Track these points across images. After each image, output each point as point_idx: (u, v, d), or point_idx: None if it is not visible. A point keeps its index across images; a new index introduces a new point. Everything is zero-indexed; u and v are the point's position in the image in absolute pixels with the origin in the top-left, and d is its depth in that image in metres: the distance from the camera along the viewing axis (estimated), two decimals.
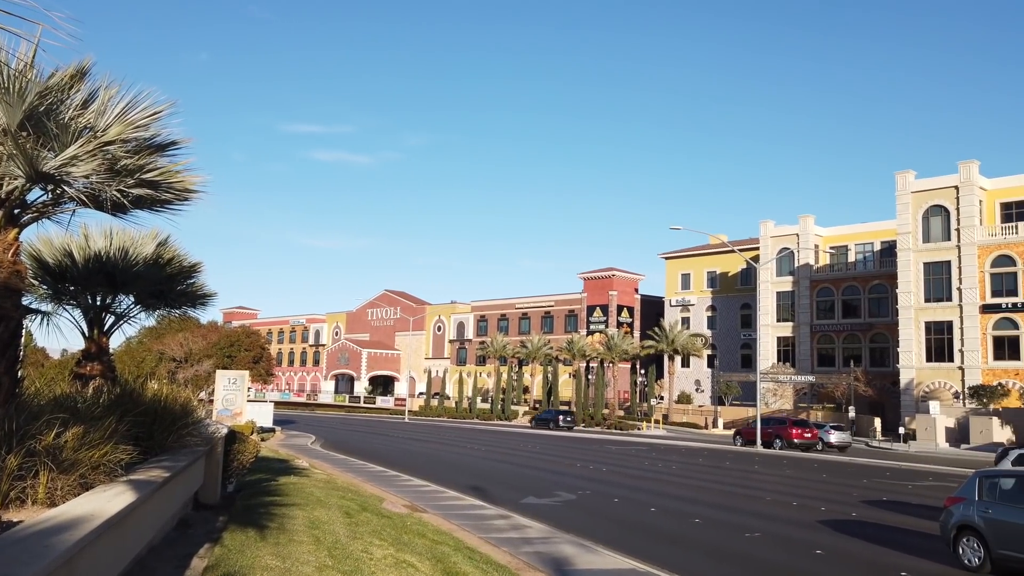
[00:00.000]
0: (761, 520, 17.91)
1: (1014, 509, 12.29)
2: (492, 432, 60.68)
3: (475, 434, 56.47)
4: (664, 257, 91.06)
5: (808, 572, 12.76)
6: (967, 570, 12.71)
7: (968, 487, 13.46)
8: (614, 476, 27.65)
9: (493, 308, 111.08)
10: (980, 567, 12.55)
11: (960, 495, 13.53)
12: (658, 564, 12.65)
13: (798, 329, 72.18)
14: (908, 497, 23.45)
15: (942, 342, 57.56)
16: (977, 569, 12.59)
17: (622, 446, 46.22)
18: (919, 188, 59.68)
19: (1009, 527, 12.17)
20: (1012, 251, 54.97)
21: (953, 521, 13.18)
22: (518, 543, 13.96)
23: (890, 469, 34.70)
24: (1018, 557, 11.98)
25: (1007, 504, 12.52)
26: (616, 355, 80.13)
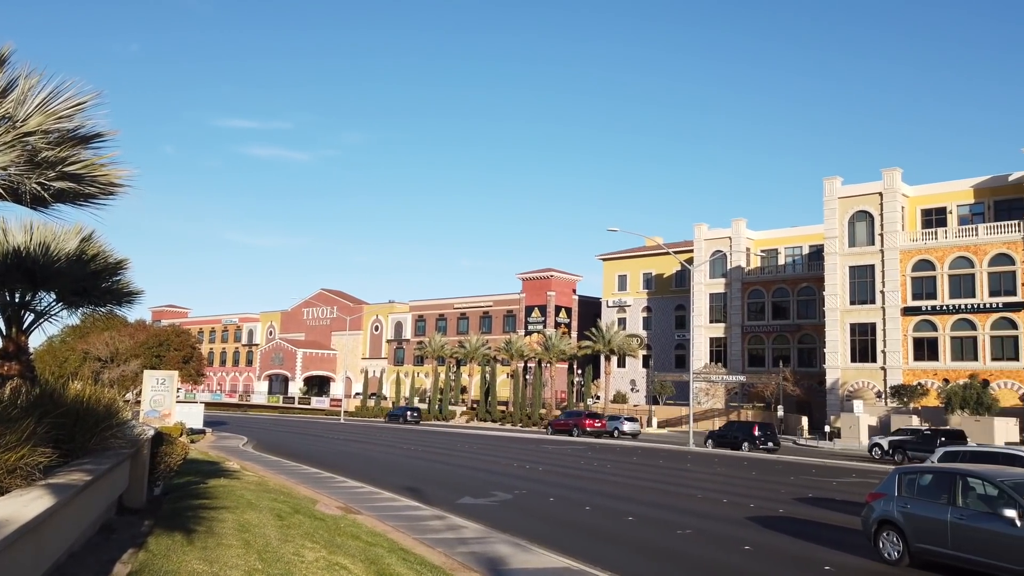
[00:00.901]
0: (692, 517, 18.28)
1: (931, 504, 12.67)
2: (430, 432, 60.40)
3: (412, 435, 56.13)
4: (601, 259, 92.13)
5: (736, 568, 13.06)
6: (887, 563, 13.09)
7: (888, 483, 13.85)
8: (550, 475, 27.84)
9: (432, 308, 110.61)
10: (899, 560, 12.92)
11: (880, 491, 13.90)
12: (592, 562, 12.78)
13: (730, 330, 73.89)
14: (832, 493, 24.23)
15: (866, 343, 59.70)
16: (896, 562, 12.95)
17: (559, 445, 46.56)
18: (845, 194, 61.77)
19: (926, 521, 12.56)
20: (932, 256, 57.35)
21: (874, 516, 13.57)
22: (453, 543, 13.94)
23: (815, 466, 35.80)
24: (934, 550, 12.37)
25: (924, 499, 12.90)
26: (554, 355, 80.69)
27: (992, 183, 58.45)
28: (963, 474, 12.75)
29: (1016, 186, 55.92)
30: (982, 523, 11.72)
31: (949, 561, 12.22)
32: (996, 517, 11.50)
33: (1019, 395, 52.59)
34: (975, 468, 13.56)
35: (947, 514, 12.28)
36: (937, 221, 59.94)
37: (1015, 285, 53.89)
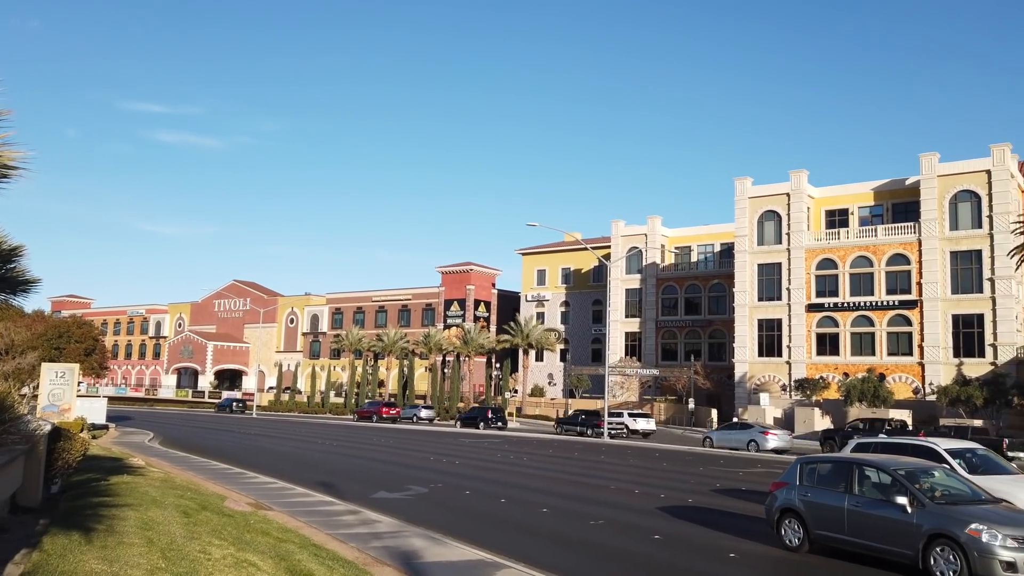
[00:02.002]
0: (605, 508, 18.64)
1: (829, 492, 13.19)
2: (345, 427, 59.59)
3: (327, 429, 55.27)
4: (521, 253, 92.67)
5: (646, 556, 13.40)
6: (788, 550, 13.59)
7: (790, 473, 14.31)
8: (467, 469, 27.90)
9: (349, 300, 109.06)
10: (799, 547, 13.42)
11: (783, 480, 14.35)
12: (506, 554, 12.89)
13: (644, 325, 75.54)
14: (739, 483, 25.11)
15: (772, 338, 62.04)
16: (797, 549, 13.46)
17: (476, 439, 46.67)
18: (755, 194, 63.94)
19: (825, 509, 13.07)
20: (834, 255, 59.98)
21: (776, 505, 14.00)
22: (367, 538, 13.82)
23: (723, 457, 37.00)
24: (833, 536, 12.88)
25: (823, 488, 13.41)
26: (472, 349, 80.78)
27: (891, 186, 61.51)
28: (859, 463, 13.28)
29: (912, 189, 59.00)
30: (876, 510, 12.22)
31: (846, 547, 12.72)
32: (889, 504, 12.03)
33: (912, 388, 55.60)
34: (870, 458, 14.09)
35: (844, 502, 12.75)
36: (840, 222, 62.73)
37: (910, 284, 56.90)
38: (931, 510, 11.58)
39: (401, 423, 66.83)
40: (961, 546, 10.86)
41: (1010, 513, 11.72)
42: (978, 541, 10.75)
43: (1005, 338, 52.96)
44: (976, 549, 10.71)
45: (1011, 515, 11.57)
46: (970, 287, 54.78)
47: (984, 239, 54.50)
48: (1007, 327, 53.05)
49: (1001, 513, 11.56)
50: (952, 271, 55.59)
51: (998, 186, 54.42)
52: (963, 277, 55.21)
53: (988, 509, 11.70)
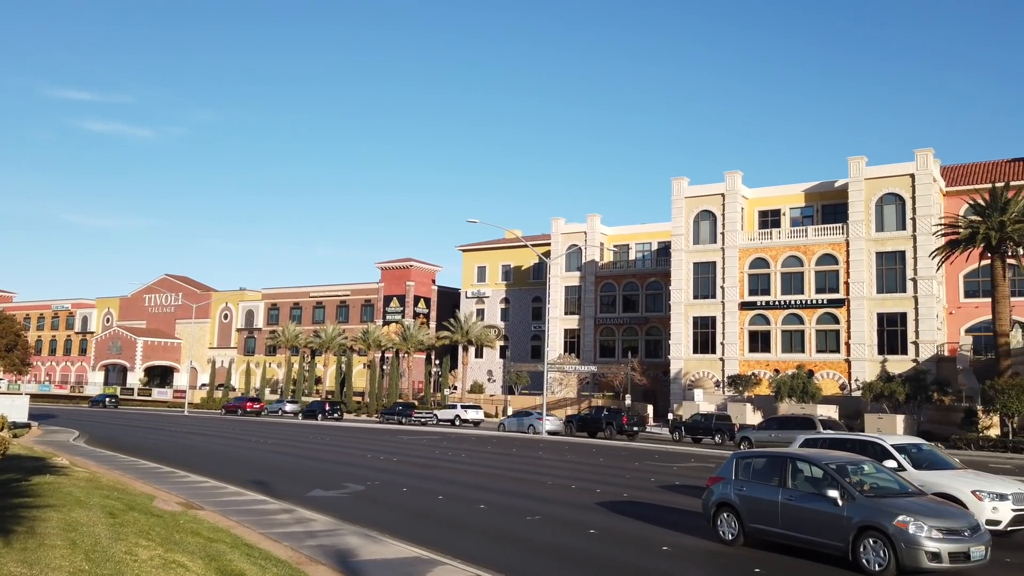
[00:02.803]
0: (542, 503, 18.78)
1: (763, 487, 13.46)
2: (281, 425, 58.63)
3: (262, 427, 54.30)
4: (462, 249, 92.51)
5: (581, 550, 13.55)
6: (724, 544, 13.80)
7: (726, 467, 14.52)
8: (405, 466, 27.75)
9: (286, 296, 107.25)
10: (735, 540, 13.66)
11: (719, 475, 14.54)
12: (443, 551, 12.88)
13: (583, 322, 76.27)
14: (673, 478, 25.58)
15: (707, 335, 63.36)
16: (732, 542, 13.69)
17: (415, 436, 46.46)
18: (691, 194, 65.16)
19: (759, 503, 13.33)
20: (767, 255, 61.56)
21: (713, 499, 14.21)
22: (302, 537, 13.64)
23: (659, 452, 37.64)
24: (767, 530, 13.16)
25: (758, 482, 13.66)
26: (412, 345, 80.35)
27: (821, 188, 63.40)
28: (792, 458, 13.59)
29: (841, 192, 60.91)
30: (809, 503, 12.52)
31: (780, 540, 13.01)
32: (820, 497, 12.33)
33: (839, 384, 57.45)
34: (803, 452, 14.40)
35: (778, 495, 13.03)
36: (772, 222, 64.40)
37: (838, 283, 58.77)
38: (860, 503, 11.88)
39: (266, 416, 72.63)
40: (889, 537, 11.19)
41: (935, 505, 12.14)
42: (905, 532, 11.10)
43: (926, 336, 55.15)
44: (903, 540, 11.05)
45: (936, 507, 12.00)
46: (894, 287, 56.87)
47: (908, 240, 56.64)
48: (928, 325, 55.26)
49: (927, 505, 11.97)
50: (878, 271, 57.62)
51: (921, 190, 56.60)
52: (888, 277, 57.30)
53: (914, 502, 12.07)
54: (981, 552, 11.26)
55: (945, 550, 10.97)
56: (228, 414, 75.57)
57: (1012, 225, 43.62)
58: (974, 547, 11.18)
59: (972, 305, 59.05)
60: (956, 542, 11.11)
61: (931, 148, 56.95)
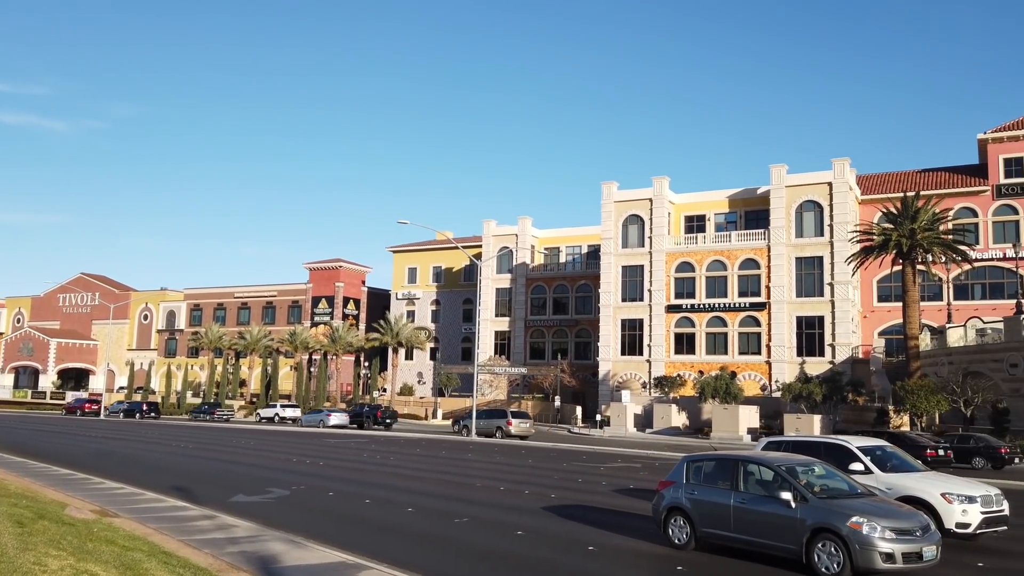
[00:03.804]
0: (471, 506, 18.79)
1: (715, 490, 13.16)
2: (204, 429, 57.04)
3: (184, 431, 52.74)
4: (392, 251, 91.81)
5: (507, 551, 13.62)
6: (675, 548, 13.48)
7: (677, 471, 14.07)
8: (332, 470, 27.36)
9: (209, 296, 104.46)
10: (686, 544, 13.35)
11: (670, 479, 14.11)
12: (369, 555, 12.76)
13: (514, 324, 76.62)
14: (601, 478, 25.93)
15: (634, 337, 64.48)
16: (683, 546, 13.35)
17: (343, 439, 45.86)
18: (621, 198, 66.24)
19: (711, 506, 13.05)
20: (692, 259, 63.03)
21: (664, 504, 13.84)
22: (223, 543, 13.32)
23: (586, 453, 38.10)
24: (719, 534, 12.90)
25: (710, 486, 13.34)
26: (340, 347, 79.29)
27: (744, 195, 65.28)
28: (744, 460, 13.33)
29: (763, 198, 62.83)
30: (761, 506, 12.30)
31: (733, 543, 12.75)
32: (773, 500, 12.11)
33: (760, 385, 59.22)
34: (753, 455, 14.12)
35: (730, 499, 12.75)
36: (698, 227, 66.01)
37: (759, 287, 60.60)
38: (814, 504, 11.76)
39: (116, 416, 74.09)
40: (843, 539, 11.06)
41: (887, 506, 12.15)
42: (859, 533, 11.00)
43: (842, 339, 57.34)
44: (857, 542, 10.95)
45: (889, 508, 12.01)
46: (812, 291, 58.97)
47: (825, 246, 58.80)
48: (844, 328, 57.46)
49: (879, 506, 11.95)
50: (797, 276, 59.67)
51: (838, 197, 58.85)
52: (806, 282, 59.38)
53: (867, 503, 12.01)
54: (932, 552, 11.30)
55: (899, 550, 10.95)
56: (68, 414, 78.83)
57: (922, 233, 45.76)
58: (926, 547, 11.21)
59: (885, 309, 61.70)
60: (909, 542, 11.10)
61: (848, 158, 59.35)
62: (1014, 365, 41.88)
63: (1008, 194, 59.92)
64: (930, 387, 41.37)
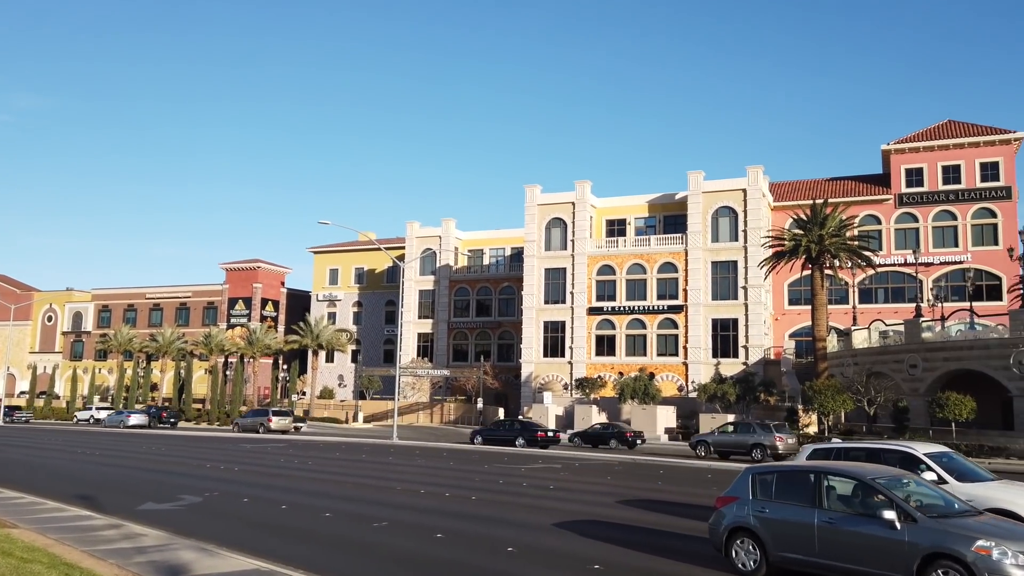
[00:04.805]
0: (390, 509, 18.66)
1: (793, 507, 11.27)
2: (112, 434, 54.82)
3: (91, 437, 50.58)
4: (313, 251, 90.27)
5: (426, 554, 13.59)
6: (741, 575, 11.69)
7: (739, 485, 12.22)
8: (247, 475, 26.72)
9: (119, 297, 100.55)
10: (756, 571, 11.48)
11: (731, 494, 12.25)
12: (284, 562, 12.53)
13: (437, 326, 76.39)
14: (521, 479, 26.13)
15: (557, 339, 65.19)
16: (753, 572, 11.51)
17: (259, 444, 44.83)
18: (544, 201, 66.89)
19: (788, 526, 11.18)
20: (613, 262, 64.14)
21: (725, 523, 11.92)
22: (130, 553, 12.85)
23: (507, 455, 38.28)
24: (799, 559, 11.00)
25: (785, 502, 11.44)
26: (258, 350, 77.47)
27: (663, 200, 66.81)
28: (829, 472, 11.44)
29: (681, 204, 64.45)
30: (855, 526, 10.52)
31: (817, 570, 10.88)
32: (871, 519, 10.37)
33: (677, 386, 60.68)
34: (842, 466, 12.22)
35: (813, 518, 10.89)
36: (618, 231, 67.23)
37: (677, 290, 62.12)
38: (925, 525, 9.98)
39: None
40: (968, 566, 9.37)
41: (1010, 526, 10.49)
42: (988, 560, 9.31)
43: (755, 340, 59.29)
44: (987, 569, 9.26)
45: (1012, 528, 10.32)
46: (727, 294, 60.80)
47: (740, 251, 60.72)
48: (757, 330, 59.44)
49: (1002, 526, 10.27)
50: (713, 279, 61.43)
51: (752, 204, 60.87)
52: (722, 285, 61.20)
53: (984, 523, 10.32)
54: None
55: None
56: None
57: (830, 239, 47.76)
58: None
59: (795, 312, 64.11)
60: None
61: (761, 165, 61.46)
62: (913, 366, 44.12)
63: (909, 203, 63.12)
64: (836, 387, 43.17)
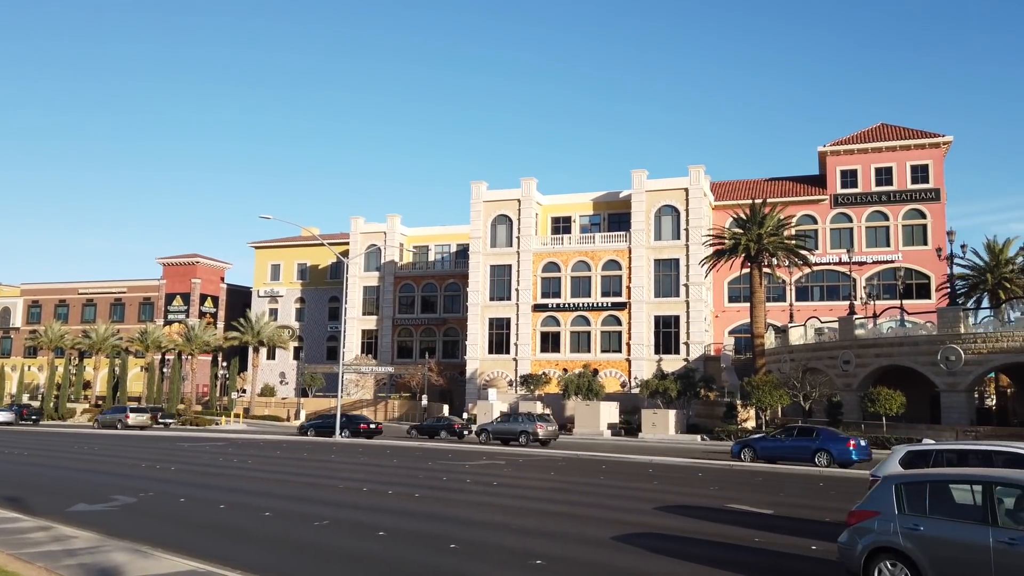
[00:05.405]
0: (331, 508, 18.48)
1: (958, 525, 9.42)
2: (41, 434, 53.00)
3: (18, 437, 48.80)
4: (254, 246, 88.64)
5: (368, 552, 13.50)
6: None
7: (880, 497, 10.27)
8: (184, 475, 26.14)
9: (50, 292, 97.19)
10: None
11: (869, 508, 10.31)
12: (221, 562, 12.31)
13: (381, 322, 75.84)
14: (465, 475, 26.17)
15: (502, 336, 65.34)
16: None
17: (197, 443, 43.91)
18: (489, 198, 66.93)
19: (953, 547, 9.31)
20: (559, 259, 64.57)
21: (865, 543, 9.98)
22: (59, 556, 12.47)
23: (452, 451, 38.27)
24: None
25: (945, 518, 9.58)
26: (197, 347, 75.79)
27: (607, 198, 67.51)
28: (995, 482, 9.46)
29: (625, 202, 65.21)
30: None
31: None
32: None
33: (620, 382, 61.42)
34: (1011, 474, 10.06)
35: (987, 537, 9.03)
36: (564, 228, 67.72)
37: (621, 287, 62.87)
38: None
39: None
40: None
41: None
42: None
43: (696, 337, 60.39)
44: None
45: None
46: (669, 291, 61.78)
47: (681, 249, 61.74)
48: (698, 327, 60.54)
49: None
50: (655, 277, 62.35)
51: (694, 203, 61.94)
52: (664, 283, 62.16)
53: None
54: None
55: None
56: None
57: (768, 238, 48.94)
58: None
59: (735, 309, 65.49)
60: None
61: (703, 165, 62.57)
62: (847, 362, 45.54)
63: (844, 203, 65.03)
64: (773, 383, 44.30)
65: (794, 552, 13.56)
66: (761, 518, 17.36)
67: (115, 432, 55.92)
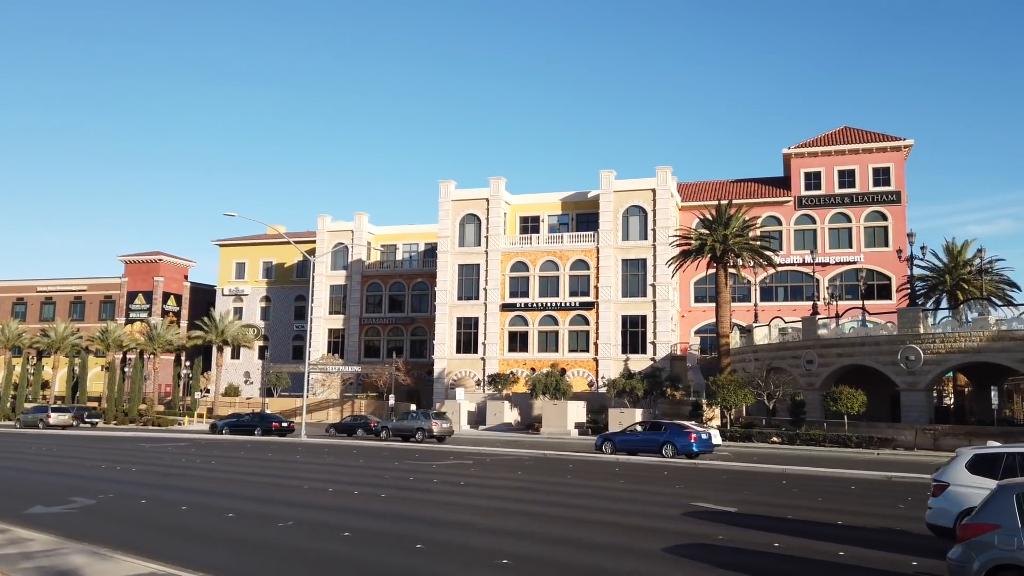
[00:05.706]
0: (295, 509, 18.29)
1: None
2: None
3: None
4: (219, 244, 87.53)
5: (332, 553, 13.39)
6: None
7: (999, 508, 9.12)
8: (146, 476, 25.71)
9: (7, 290, 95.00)
10: None
11: (987, 521, 9.13)
12: (183, 564, 12.12)
13: (348, 321, 75.31)
14: (432, 475, 26.06)
15: (470, 335, 65.27)
16: None
17: (159, 443, 43.22)
18: (458, 197, 66.82)
19: None
20: (527, 259, 64.67)
21: (983, 560, 8.84)
22: (15, 559, 12.19)
23: (419, 451, 38.12)
24: None
25: None
26: (159, 346, 74.58)
27: (575, 198, 67.76)
28: None
29: (593, 202, 65.51)
30: None
31: None
32: None
33: (587, 382, 61.69)
34: None
35: None
36: (532, 228, 67.86)
37: (589, 287, 63.15)
38: None
39: None
40: None
41: None
42: None
43: (663, 336, 60.86)
44: None
45: None
46: (637, 291, 62.20)
47: (649, 249, 62.20)
48: (664, 327, 61.02)
49: None
50: (623, 277, 62.74)
51: (661, 203, 62.43)
52: (631, 283, 62.58)
53: None
54: None
55: None
56: None
57: (733, 239, 49.49)
58: None
59: (701, 309, 66.13)
60: None
61: (670, 166, 63.09)
62: (810, 361, 46.22)
63: (808, 205, 65.99)
64: (738, 382, 44.80)
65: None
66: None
67: (75, 432, 54.82)
